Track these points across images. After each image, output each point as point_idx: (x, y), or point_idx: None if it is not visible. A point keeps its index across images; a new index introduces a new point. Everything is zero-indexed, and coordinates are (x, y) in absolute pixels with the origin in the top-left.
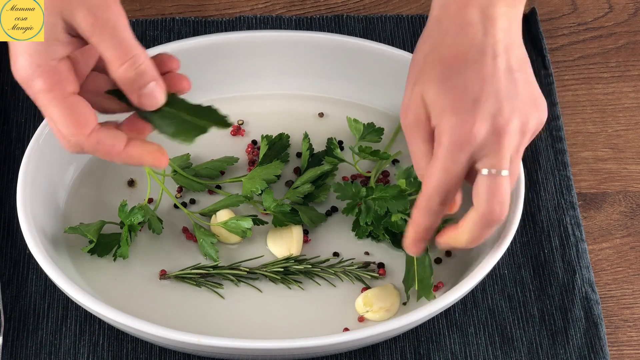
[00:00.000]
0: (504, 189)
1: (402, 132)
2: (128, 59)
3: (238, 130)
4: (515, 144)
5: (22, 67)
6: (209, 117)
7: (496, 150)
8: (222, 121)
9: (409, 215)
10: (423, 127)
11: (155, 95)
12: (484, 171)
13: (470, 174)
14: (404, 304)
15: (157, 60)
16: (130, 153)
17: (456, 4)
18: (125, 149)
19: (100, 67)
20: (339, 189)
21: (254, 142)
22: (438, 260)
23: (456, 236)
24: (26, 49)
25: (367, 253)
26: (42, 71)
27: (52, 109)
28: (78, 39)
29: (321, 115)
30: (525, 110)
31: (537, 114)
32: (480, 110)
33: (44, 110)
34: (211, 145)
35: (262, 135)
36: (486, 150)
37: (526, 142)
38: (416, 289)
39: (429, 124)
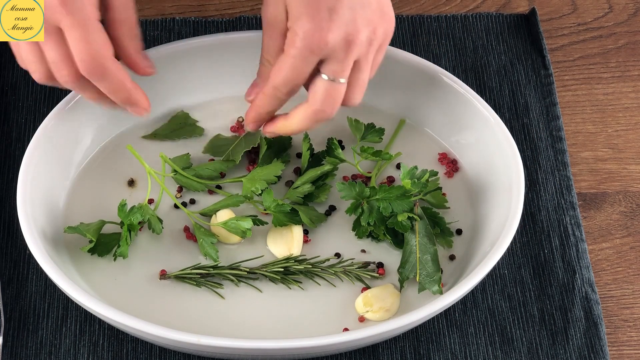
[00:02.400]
0: (339, 94)
1: (402, 132)
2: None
3: (238, 129)
4: (361, 52)
5: None
6: None
7: (342, 59)
8: None
9: (412, 213)
10: (280, 23)
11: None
12: (324, 76)
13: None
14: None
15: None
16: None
17: None
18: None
19: None
20: (343, 188)
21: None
22: (451, 257)
23: (285, 125)
24: None
25: (364, 251)
26: None
27: (85, 28)
28: None
29: None
30: (374, 21)
31: (385, 25)
32: (335, 19)
33: (69, 31)
34: None
35: (261, 136)
36: (333, 56)
37: (372, 52)
38: (417, 280)
39: (285, 22)
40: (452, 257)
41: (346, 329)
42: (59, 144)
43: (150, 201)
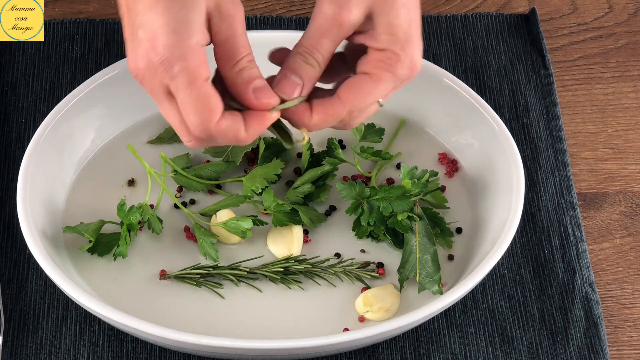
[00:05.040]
0: (372, 112)
1: (402, 132)
2: (246, 54)
3: None
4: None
5: (166, 46)
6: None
7: (401, 84)
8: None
9: (412, 213)
10: (352, 28)
11: (268, 90)
12: (380, 100)
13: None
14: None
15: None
16: (251, 132)
17: None
18: (247, 130)
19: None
20: (343, 188)
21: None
22: (450, 257)
23: (309, 120)
24: (170, 30)
25: (363, 251)
26: (189, 52)
27: (188, 92)
28: (208, 33)
29: None
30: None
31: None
32: (421, 48)
33: (176, 95)
34: None
35: (260, 137)
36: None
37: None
38: (417, 280)
39: (355, 28)
40: (450, 257)
41: (346, 329)
42: (59, 144)
43: (152, 206)
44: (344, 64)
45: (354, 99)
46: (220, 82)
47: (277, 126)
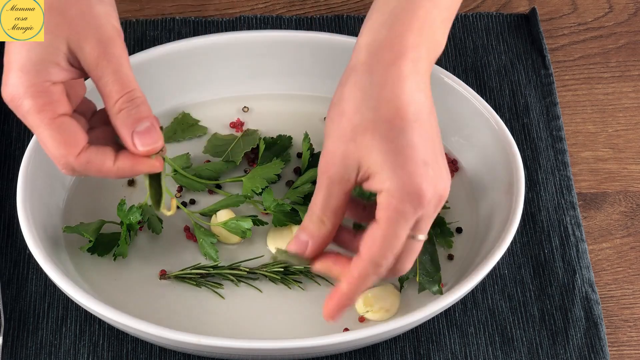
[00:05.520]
0: (417, 251)
1: None
2: (126, 93)
3: (239, 127)
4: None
5: (13, 85)
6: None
7: (430, 217)
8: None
9: None
10: (348, 182)
11: (152, 134)
12: (420, 237)
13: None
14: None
15: None
16: (121, 166)
17: (390, 53)
18: (116, 164)
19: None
20: None
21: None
22: (450, 257)
23: (352, 296)
24: (21, 67)
25: None
26: (34, 91)
27: (41, 129)
28: (75, 70)
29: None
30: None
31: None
32: (429, 174)
33: (33, 131)
34: None
35: (259, 137)
36: (426, 214)
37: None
38: (417, 280)
39: (354, 180)
40: (450, 257)
41: (346, 329)
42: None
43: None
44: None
45: (371, 250)
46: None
47: (155, 179)
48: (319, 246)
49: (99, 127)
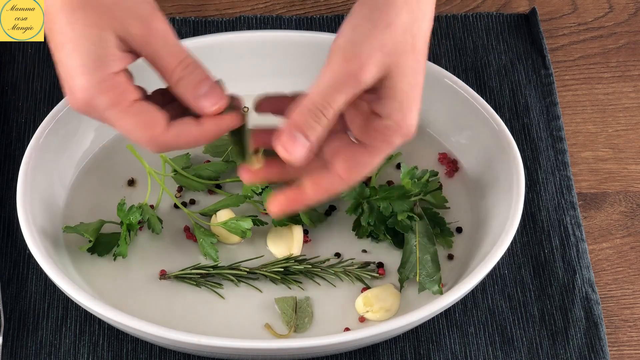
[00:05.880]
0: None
1: None
2: (179, 62)
3: None
4: None
5: (82, 88)
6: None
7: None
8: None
9: (412, 213)
10: (366, 87)
11: (214, 94)
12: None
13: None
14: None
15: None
16: (206, 129)
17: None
18: (201, 128)
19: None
20: None
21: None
22: (450, 257)
23: (312, 199)
24: (81, 71)
25: (364, 251)
26: (102, 87)
27: (122, 121)
28: (129, 54)
29: None
30: None
31: None
32: (417, 108)
33: (115, 126)
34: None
35: None
36: None
37: None
38: (417, 280)
39: (366, 89)
40: (450, 257)
41: (347, 329)
42: (58, 144)
43: (152, 206)
44: None
45: (354, 175)
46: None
47: (237, 135)
48: (314, 148)
49: (169, 104)
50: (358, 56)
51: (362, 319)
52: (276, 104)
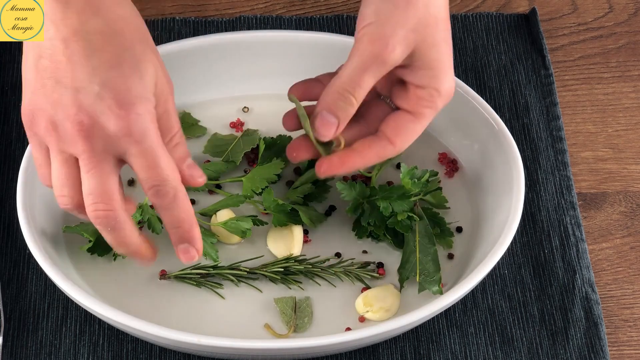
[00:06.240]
0: None
1: None
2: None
3: (239, 127)
4: None
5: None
6: None
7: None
8: None
9: (412, 213)
10: (393, 66)
11: (195, 168)
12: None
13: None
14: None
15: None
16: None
17: None
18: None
19: None
20: (343, 188)
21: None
22: (450, 256)
23: (356, 163)
24: (134, 97)
25: (364, 251)
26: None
27: (151, 153)
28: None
29: None
30: None
31: None
32: (452, 71)
33: (136, 157)
34: None
35: (259, 137)
36: None
37: None
38: (417, 280)
39: (395, 65)
40: (450, 256)
41: (349, 329)
42: None
43: (152, 206)
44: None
45: (405, 141)
46: None
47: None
48: (343, 127)
49: None
50: (382, 37)
51: (362, 319)
52: (308, 89)
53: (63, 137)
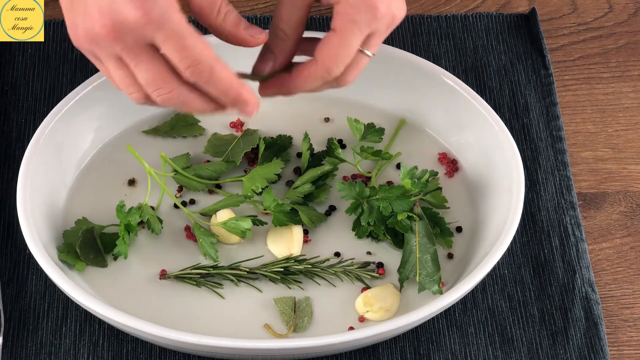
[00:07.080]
0: (363, 65)
1: (402, 132)
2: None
3: (237, 126)
4: (390, 30)
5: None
6: None
7: (381, 34)
8: None
9: (412, 213)
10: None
11: (254, 27)
12: (367, 52)
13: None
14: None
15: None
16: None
17: None
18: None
19: None
20: (343, 188)
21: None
22: (450, 256)
23: (295, 85)
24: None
25: (368, 253)
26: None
27: (177, 36)
28: None
29: (327, 120)
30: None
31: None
32: None
33: (164, 42)
34: None
35: (259, 137)
36: (378, 31)
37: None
38: (417, 280)
39: None
40: (450, 256)
41: (352, 328)
42: (59, 144)
43: (152, 207)
44: None
45: (326, 55)
46: None
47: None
48: (285, 60)
49: None
50: None
51: (362, 319)
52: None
53: (101, 44)
